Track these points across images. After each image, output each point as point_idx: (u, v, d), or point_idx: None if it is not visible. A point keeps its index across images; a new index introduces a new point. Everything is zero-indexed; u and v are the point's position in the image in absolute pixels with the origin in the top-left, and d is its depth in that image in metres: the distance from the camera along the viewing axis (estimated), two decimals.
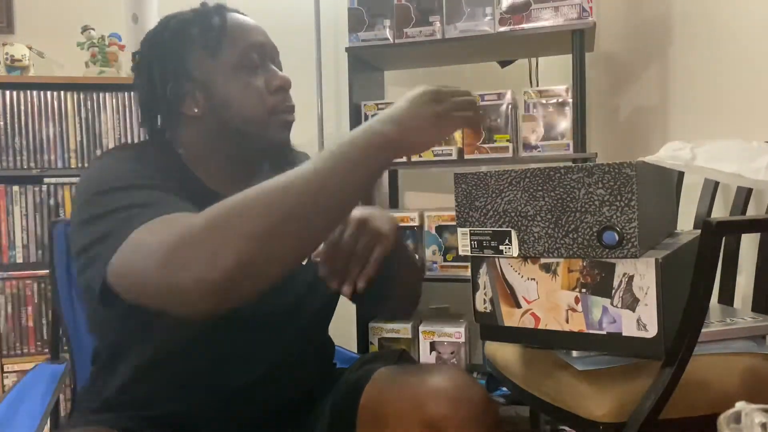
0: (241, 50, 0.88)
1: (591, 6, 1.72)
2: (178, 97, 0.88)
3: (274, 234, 0.62)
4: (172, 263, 0.61)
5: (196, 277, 0.60)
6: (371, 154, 0.69)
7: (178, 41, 0.89)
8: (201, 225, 0.62)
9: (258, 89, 0.89)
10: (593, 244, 0.79)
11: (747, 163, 0.79)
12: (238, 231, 0.61)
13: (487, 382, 1.87)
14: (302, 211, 0.64)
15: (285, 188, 0.64)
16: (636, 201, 0.76)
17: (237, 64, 0.88)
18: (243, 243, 0.60)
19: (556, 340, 0.86)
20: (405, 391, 0.83)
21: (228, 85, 0.88)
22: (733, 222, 1.02)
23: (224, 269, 0.60)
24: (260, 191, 0.64)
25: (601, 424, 0.88)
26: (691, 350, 0.82)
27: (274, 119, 0.90)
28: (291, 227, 0.63)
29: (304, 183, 0.65)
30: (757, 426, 0.44)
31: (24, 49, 2.07)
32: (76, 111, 2.05)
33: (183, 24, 0.90)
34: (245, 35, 0.90)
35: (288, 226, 0.63)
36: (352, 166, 0.67)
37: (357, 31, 1.93)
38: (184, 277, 0.61)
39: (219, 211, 0.63)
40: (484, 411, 0.80)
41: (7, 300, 1.98)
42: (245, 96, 0.88)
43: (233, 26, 0.90)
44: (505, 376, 1.16)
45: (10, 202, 2.01)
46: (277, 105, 0.90)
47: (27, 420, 0.93)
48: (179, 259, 0.61)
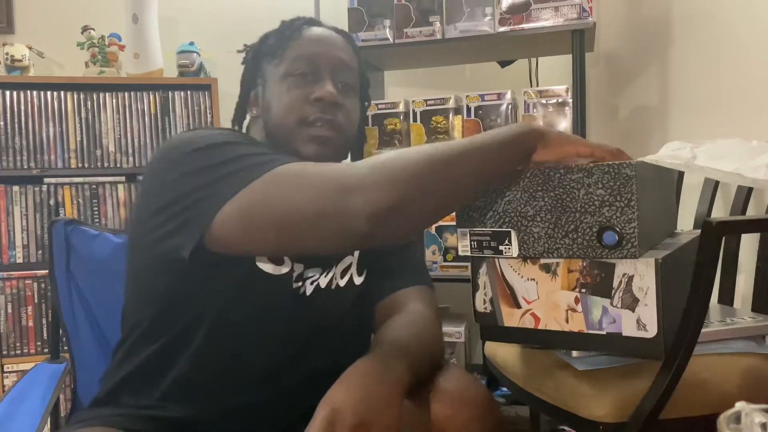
0: (292, 59, 0.92)
1: (591, 6, 1.72)
2: (248, 98, 0.98)
3: (431, 179, 0.70)
4: (342, 189, 0.68)
5: (365, 200, 0.67)
6: (516, 138, 0.77)
7: (258, 50, 0.97)
8: (366, 165, 0.70)
9: (295, 97, 0.90)
10: (593, 244, 0.79)
11: (747, 161, 0.79)
12: (400, 174, 0.68)
13: (487, 382, 1.87)
14: (457, 168, 0.72)
15: (444, 146, 0.73)
16: (636, 201, 0.76)
17: (286, 71, 0.92)
18: (403, 184, 0.68)
19: (556, 340, 0.85)
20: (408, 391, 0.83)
21: (272, 91, 0.93)
22: (733, 222, 1.02)
23: (386, 201, 0.67)
24: (422, 147, 0.73)
25: (601, 424, 0.88)
26: (691, 350, 0.82)
27: (303, 131, 0.89)
28: (444, 179, 0.71)
29: (461, 146, 0.73)
30: (757, 426, 0.44)
31: (24, 49, 2.07)
32: (76, 111, 2.05)
33: (266, 34, 0.98)
34: (305, 45, 0.93)
35: (441, 177, 0.71)
36: (502, 143, 0.76)
37: (357, 31, 1.93)
38: (353, 202, 0.67)
39: (381, 158, 0.71)
40: (488, 411, 0.80)
41: (7, 300, 1.99)
42: (281, 102, 0.91)
43: (302, 38, 0.94)
44: (505, 376, 1.16)
45: (10, 202, 2.01)
46: (308, 115, 0.89)
47: (27, 419, 0.93)
48: (348, 188, 0.68)
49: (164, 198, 0.77)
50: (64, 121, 2.04)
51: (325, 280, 0.92)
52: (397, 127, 1.95)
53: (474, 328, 2.00)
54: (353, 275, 0.96)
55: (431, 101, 1.92)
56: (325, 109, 0.89)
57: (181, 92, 2.12)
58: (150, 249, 0.81)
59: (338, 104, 0.91)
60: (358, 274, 0.97)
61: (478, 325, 0.92)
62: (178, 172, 0.77)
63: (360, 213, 0.66)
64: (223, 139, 0.79)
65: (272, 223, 0.71)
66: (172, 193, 0.76)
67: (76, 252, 1.15)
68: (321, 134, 0.89)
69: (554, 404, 0.98)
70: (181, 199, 0.75)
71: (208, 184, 0.74)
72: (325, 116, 0.89)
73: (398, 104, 1.96)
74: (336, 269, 0.94)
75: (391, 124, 1.96)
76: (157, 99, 2.10)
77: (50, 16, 2.30)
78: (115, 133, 2.08)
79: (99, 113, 2.07)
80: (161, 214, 0.77)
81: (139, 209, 0.84)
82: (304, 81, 0.91)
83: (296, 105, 0.89)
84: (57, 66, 2.27)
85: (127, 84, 2.09)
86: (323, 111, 0.89)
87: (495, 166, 0.77)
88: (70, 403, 1.12)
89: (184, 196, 0.75)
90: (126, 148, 2.08)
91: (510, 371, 1.14)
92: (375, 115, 1.97)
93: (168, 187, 0.77)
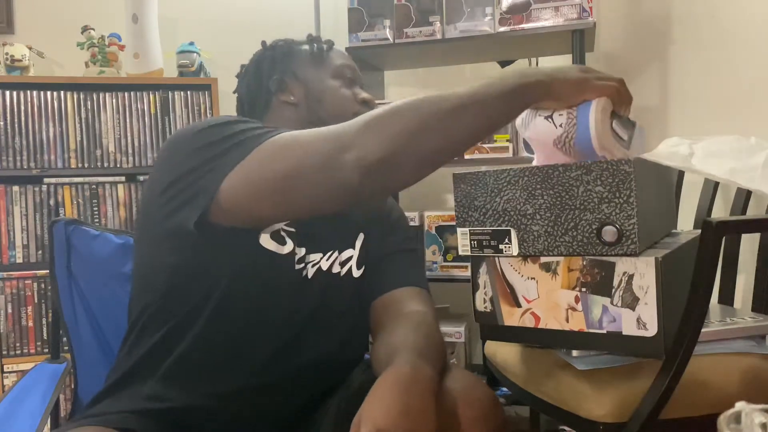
0: (339, 65, 1.08)
1: (591, 6, 1.72)
2: (279, 86, 1.07)
3: (421, 134, 0.73)
4: (337, 146, 0.74)
5: (357, 155, 0.72)
6: (519, 91, 0.77)
7: (287, 50, 1.11)
8: (361, 120, 0.75)
9: (349, 94, 1.07)
10: (593, 241, 0.79)
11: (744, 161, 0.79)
12: (390, 128, 0.73)
13: (487, 382, 1.86)
14: (451, 123, 0.74)
15: (440, 99, 0.74)
16: (635, 198, 0.76)
17: (335, 73, 1.07)
18: (392, 138, 0.73)
19: (556, 340, 0.85)
20: None
21: (324, 85, 1.06)
22: (733, 222, 1.02)
23: (375, 154, 0.72)
24: (417, 99, 0.75)
25: (602, 424, 0.88)
26: (691, 350, 0.82)
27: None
28: (436, 133, 0.74)
29: (458, 99, 0.75)
30: (757, 426, 0.44)
31: (24, 49, 2.07)
32: (76, 111, 2.05)
33: (293, 42, 1.12)
34: (343, 58, 1.11)
35: (433, 132, 0.73)
36: (502, 96, 0.76)
37: (357, 31, 1.93)
38: (346, 156, 0.73)
39: (378, 112, 0.75)
40: (491, 411, 0.80)
41: (7, 300, 1.98)
42: (336, 96, 1.06)
43: (335, 51, 1.12)
44: (505, 376, 1.16)
45: (10, 202, 2.01)
46: (359, 111, 0.94)
47: (27, 419, 0.93)
48: (343, 144, 0.74)
49: (170, 177, 0.83)
50: (64, 121, 2.04)
51: (327, 263, 0.96)
52: None
53: (474, 328, 2.00)
54: (353, 267, 1.00)
55: None
56: (369, 109, 0.95)
57: (181, 92, 2.12)
58: (158, 227, 0.86)
59: (374, 107, 0.98)
60: (357, 268, 1.01)
61: (478, 325, 0.92)
62: (182, 153, 0.83)
63: (352, 166, 0.72)
64: (224, 119, 0.85)
65: (273, 184, 0.76)
66: (177, 172, 0.82)
67: (76, 252, 1.15)
68: None
69: (554, 404, 0.98)
70: (186, 176, 0.81)
71: (210, 158, 0.80)
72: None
73: None
74: (338, 256, 0.98)
75: None
76: (157, 99, 2.10)
77: (50, 16, 2.30)
78: (115, 133, 2.08)
79: (99, 113, 2.07)
80: (167, 193, 0.83)
81: (147, 195, 0.90)
82: (350, 84, 1.08)
83: (350, 101, 1.06)
84: (57, 66, 2.27)
85: (127, 84, 2.09)
86: (368, 110, 0.96)
87: (493, 121, 0.77)
88: (71, 403, 1.12)
89: (187, 173, 0.81)
90: (126, 148, 2.08)
91: (510, 371, 1.14)
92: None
93: (173, 168, 0.83)
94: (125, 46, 2.11)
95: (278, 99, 1.08)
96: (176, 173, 0.82)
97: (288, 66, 1.09)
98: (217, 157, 0.79)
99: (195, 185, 0.80)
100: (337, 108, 1.04)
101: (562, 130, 0.80)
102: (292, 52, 1.11)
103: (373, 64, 2.15)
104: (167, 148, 0.87)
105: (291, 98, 1.07)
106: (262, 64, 1.11)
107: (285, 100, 1.07)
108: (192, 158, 0.81)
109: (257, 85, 1.10)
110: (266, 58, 1.11)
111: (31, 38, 2.19)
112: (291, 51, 1.11)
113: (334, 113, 1.02)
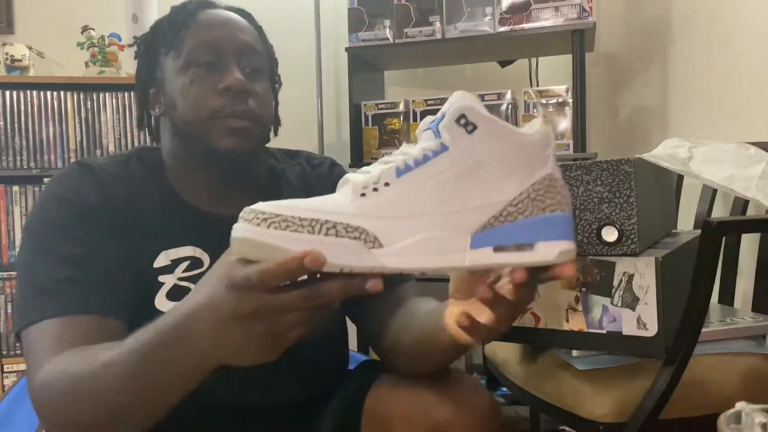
0: (192, 47, 0.83)
1: (591, 6, 1.72)
2: (147, 96, 0.88)
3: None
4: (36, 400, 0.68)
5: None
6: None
7: (151, 40, 0.88)
8: (51, 388, 0.65)
9: (202, 89, 0.82)
10: (593, 241, 0.79)
11: (741, 169, 0.79)
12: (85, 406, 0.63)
13: (487, 382, 1.86)
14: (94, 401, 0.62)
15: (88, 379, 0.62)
16: (635, 198, 0.76)
17: (187, 61, 0.83)
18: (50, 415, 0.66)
19: (556, 340, 0.85)
20: (410, 394, 0.81)
21: (174, 84, 0.84)
22: (733, 222, 1.02)
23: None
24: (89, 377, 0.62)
25: (602, 424, 0.88)
26: (691, 350, 0.82)
27: (217, 123, 0.82)
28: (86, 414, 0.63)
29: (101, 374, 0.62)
30: (757, 426, 0.44)
31: (24, 49, 2.07)
32: (76, 111, 2.05)
33: (157, 22, 0.88)
34: (203, 32, 0.84)
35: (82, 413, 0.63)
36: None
37: (357, 31, 1.93)
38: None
39: (69, 384, 0.64)
40: (490, 415, 0.79)
41: (7, 300, 1.98)
42: (186, 96, 0.83)
43: (199, 23, 0.85)
44: (505, 376, 1.16)
45: (10, 202, 2.01)
46: (221, 108, 0.81)
47: (27, 419, 0.93)
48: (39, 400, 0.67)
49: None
50: (64, 121, 2.04)
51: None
52: (396, 127, 1.95)
53: None
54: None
55: (431, 101, 1.92)
56: (236, 99, 0.82)
57: None
58: None
59: (248, 91, 0.83)
60: None
61: None
62: (22, 246, 0.79)
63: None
64: (43, 240, 0.77)
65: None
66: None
67: None
68: (236, 126, 0.82)
69: (554, 404, 0.98)
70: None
71: (18, 292, 0.76)
72: (237, 107, 0.82)
73: (398, 104, 1.96)
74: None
75: (391, 124, 1.96)
76: None
77: (50, 16, 2.30)
78: (115, 133, 2.08)
79: (99, 113, 2.07)
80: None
81: None
82: (209, 71, 0.83)
83: (204, 98, 0.82)
84: (57, 66, 2.26)
85: (127, 84, 2.08)
86: (234, 101, 0.82)
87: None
88: None
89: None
90: (126, 148, 2.08)
91: (510, 371, 1.13)
92: (375, 115, 1.97)
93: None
94: (125, 46, 2.11)
95: (153, 111, 0.89)
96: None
97: (150, 63, 0.89)
98: (18, 301, 0.76)
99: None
100: (189, 113, 0.82)
101: None
102: (154, 40, 0.88)
103: (373, 64, 2.15)
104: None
105: (157, 109, 0.88)
106: (139, 67, 0.91)
107: (155, 114, 0.89)
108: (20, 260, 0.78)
109: (142, 94, 0.91)
110: (141, 56, 0.91)
111: (31, 38, 2.19)
112: (153, 38, 0.88)
113: (189, 120, 0.83)
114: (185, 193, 0.87)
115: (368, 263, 0.49)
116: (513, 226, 0.51)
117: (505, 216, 0.51)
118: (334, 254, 0.48)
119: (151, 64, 0.89)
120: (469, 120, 0.51)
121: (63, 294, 0.73)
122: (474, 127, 0.51)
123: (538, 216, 0.51)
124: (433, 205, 0.50)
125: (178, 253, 0.83)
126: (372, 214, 0.49)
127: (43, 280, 0.74)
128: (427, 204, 0.50)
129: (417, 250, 0.49)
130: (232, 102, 0.82)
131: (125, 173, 0.84)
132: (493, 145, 0.51)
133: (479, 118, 0.51)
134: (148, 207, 0.83)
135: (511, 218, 0.51)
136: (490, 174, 0.51)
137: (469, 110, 0.51)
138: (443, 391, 0.79)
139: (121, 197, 0.82)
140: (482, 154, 0.51)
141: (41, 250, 0.76)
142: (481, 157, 0.51)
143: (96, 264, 0.76)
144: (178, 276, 0.82)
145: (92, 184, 0.81)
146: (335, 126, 2.36)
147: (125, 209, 0.81)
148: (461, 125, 0.51)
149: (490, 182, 0.51)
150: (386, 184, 0.50)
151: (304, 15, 2.24)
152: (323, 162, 0.99)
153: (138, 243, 0.81)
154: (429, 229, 0.50)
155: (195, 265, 0.83)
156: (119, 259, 0.78)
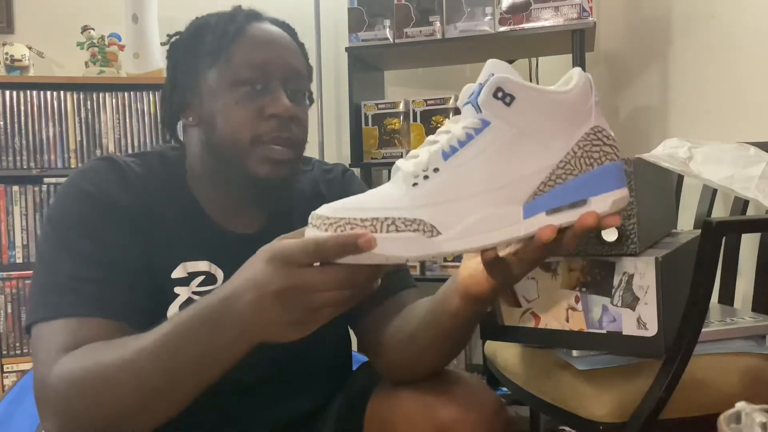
0: (239, 64, 0.79)
1: (591, 6, 1.72)
2: (181, 103, 0.84)
3: (85, 409, 0.64)
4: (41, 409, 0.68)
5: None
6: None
7: (191, 45, 0.84)
8: (61, 378, 0.65)
9: (247, 112, 0.79)
10: (593, 241, 0.79)
11: (741, 169, 0.80)
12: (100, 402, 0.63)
13: (487, 382, 1.86)
14: (111, 399, 0.63)
15: (151, 357, 0.62)
16: (635, 198, 0.76)
17: (233, 80, 0.79)
18: (59, 413, 0.65)
19: (556, 339, 0.85)
20: (414, 395, 0.81)
21: (217, 100, 0.80)
22: (733, 222, 1.02)
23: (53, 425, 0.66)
24: (129, 357, 0.63)
25: (602, 424, 0.88)
26: (691, 350, 0.82)
27: (257, 150, 0.79)
28: (99, 409, 0.64)
29: (119, 371, 0.63)
30: (757, 426, 0.44)
31: (24, 49, 2.07)
32: (76, 111, 2.05)
33: (201, 27, 0.84)
34: (252, 50, 0.80)
35: (95, 408, 0.64)
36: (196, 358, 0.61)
37: (357, 31, 1.93)
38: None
39: (82, 374, 0.64)
40: (495, 415, 0.79)
41: (7, 300, 1.98)
42: (230, 115, 0.79)
43: (249, 37, 0.81)
44: (505, 376, 1.16)
45: (10, 202, 2.01)
46: (263, 134, 0.79)
47: (27, 419, 0.93)
48: (44, 408, 0.67)
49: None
50: (63, 121, 2.04)
51: None
52: (397, 127, 1.95)
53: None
54: None
55: (431, 101, 1.92)
56: (282, 126, 0.80)
57: None
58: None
59: (293, 117, 0.81)
60: None
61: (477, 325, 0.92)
62: (40, 242, 0.78)
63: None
64: (63, 236, 0.75)
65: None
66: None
67: None
68: (279, 157, 0.80)
69: (554, 404, 0.98)
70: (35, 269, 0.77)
71: (35, 284, 0.75)
72: (282, 134, 0.80)
73: (398, 104, 1.96)
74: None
75: (391, 124, 1.96)
76: (157, 99, 2.10)
77: (50, 16, 2.30)
78: (115, 133, 2.08)
79: (99, 113, 2.07)
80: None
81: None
82: (255, 93, 0.80)
83: (247, 122, 0.79)
84: (57, 66, 2.26)
85: (127, 84, 2.09)
86: (280, 128, 0.80)
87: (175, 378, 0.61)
88: None
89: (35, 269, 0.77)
90: (126, 148, 2.08)
91: (510, 371, 1.14)
92: (375, 115, 1.97)
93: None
94: (125, 46, 2.11)
95: (185, 118, 0.85)
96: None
97: (188, 70, 0.83)
98: (35, 292, 0.74)
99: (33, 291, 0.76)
100: (230, 134, 0.79)
101: None
102: (195, 47, 0.83)
103: (373, 64, 2.15)
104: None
105: (190, 119, 0.83)
106: (175, 70, 0.85)
107: (187, 123, 0.85)
108: (38, 256, 0.76)
109: (178, 99, 0.85)
110: (171, 57, 0.86)
111: (31, 38, 2.19)
112: (195, 44, 0.83)
113: (228, 140, 0.79)
114: (206, 205, 0.85)
115: (429, 251, 0.51)
116: (563, 188, 0.52)
117: (554, 180, 0.52)
118: (398, 248, 0.50)
119: (190, 71, 0.83)
120: (506, 92, 0.51)
121: (83, 294, 0.72)
122: (512, 98, 0.51)
123: (587, 172, 0.52)
124: (482, 183, 0.52)
125: (195, 267, 0.82)
126: (425, 203, 0.51)
127: (63, 278, 0.73)
128: (476, 183, 0.52)
129: (471, 231, 0.51)
130: (276, 128, 0.80)
131: (149, 174, 0.83)
132: (533, 113, 0.52)
133: (516, 87, 0.51)
134: (168, 213, 0.82)
135: (561, 180, 0.52)
136: (534, 141, 0.52)
137: (504, 82, 0.52)
138: (448, 391, 0.79)
139: (145, 198, 0.80)
140: (523, 123, 0.52)
141: (64, 246, 0.75)
142: (522, 127, 0.52)
143: (118, 267, 0.75)
144: (193, 290, 0.81)
145: (119, 181, 0.79)
146: (335, 126, 2.36)
147: (148, 211, 0.80)
148: (499, 98, 0.51)
149: (534, 149, 0.52)
150: (435, 169, 0.52)
151: (304, 15, 2.24)
152: (334, 168, 0.99)
153: (157, 249, 0.80)
154: (481, 208, 0.51)
155: (209, 280, 0.82)
156: (140, 263, 0.77)
